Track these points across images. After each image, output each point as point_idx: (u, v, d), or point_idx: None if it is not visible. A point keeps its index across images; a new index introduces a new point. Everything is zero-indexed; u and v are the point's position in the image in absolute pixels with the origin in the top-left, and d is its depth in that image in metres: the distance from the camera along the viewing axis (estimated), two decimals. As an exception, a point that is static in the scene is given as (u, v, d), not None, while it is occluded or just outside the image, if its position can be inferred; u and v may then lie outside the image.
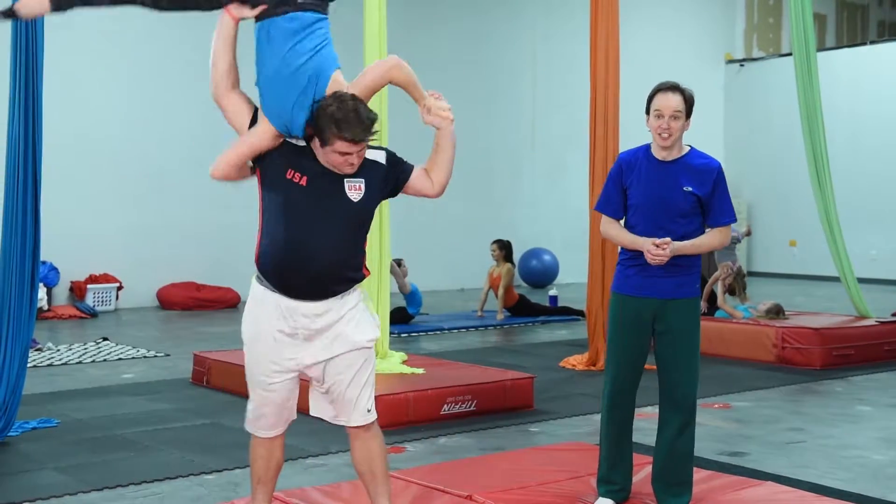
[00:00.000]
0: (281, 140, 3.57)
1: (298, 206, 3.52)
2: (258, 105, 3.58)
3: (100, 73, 12.97)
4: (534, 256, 16.14)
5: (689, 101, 4.16)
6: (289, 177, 3.52)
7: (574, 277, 15.76)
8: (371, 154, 3.62)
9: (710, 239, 4.25)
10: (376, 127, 3.46)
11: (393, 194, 3.75)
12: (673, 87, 4.16)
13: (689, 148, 4.26)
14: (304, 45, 3.51)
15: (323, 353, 3.59)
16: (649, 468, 4.65)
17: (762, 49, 19.85)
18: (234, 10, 3.57)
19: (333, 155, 3.47)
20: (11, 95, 5.75)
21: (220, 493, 4.86)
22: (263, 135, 3.54)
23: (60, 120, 11.75)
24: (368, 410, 3.70)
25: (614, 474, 4.36)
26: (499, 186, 16.57)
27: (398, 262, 11.23)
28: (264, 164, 3.57)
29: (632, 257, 4.25)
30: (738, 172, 19.15)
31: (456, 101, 14.70)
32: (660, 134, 4.13)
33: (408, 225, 13.17)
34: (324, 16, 3.61)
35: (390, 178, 3.67)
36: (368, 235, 3.74)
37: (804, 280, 17.53)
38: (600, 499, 4.35)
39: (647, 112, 4.20)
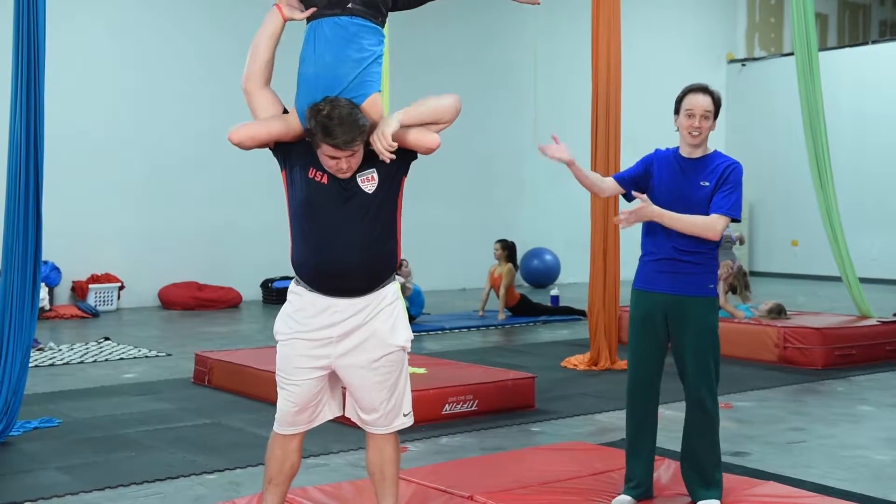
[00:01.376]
0: (302, 137, 3.57)
1: (321, 205, 3.52)
2: (287, 107, 3.61)
3: (102, 74, 12.97)
4: (535, 256, 16.13)
5: (717, 103, 4.33)
6: (311, 176, 3.53)
7: (576, 277, 15.76)
8: None
9: (693, 219, 4.18)
10: (363, 134, 3.43)
11: (412, 157, 3.66)
12: (703, 89, 4.32)
13: (713, 150, 4.41)
14: (350, 55, 3.50)
15: (354, 351, 3.57)
16: (672, 468, 4.73)
17: (764, 49, 19.84)
18: (286, 9, 3.60)
19: (323, 158, 3.47)
20: (13, 95, 5.75)
21: (221, 492, 4.86)
22: (289, 127, 3.56)
23: (62, 120, 11.76)
24: (406, 414, 3.71)
25: (633, 470, 4.38)
26: (500, 186, 16.58)
27: (401, 263, 11.17)
28: (291, 166, 3.58)
29: (648, 252, 4.34)
30: (739, 172, 19.14)
31: (457, 100, 14.12)
32: (690, 132, 4.28)
33: (409, 225, 13.12)
34: (376, 26, 3.59)
35: (397, 150, 3.56)
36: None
37: (806, 280, 17.52)
38: (620, 496, 4.37)
39: (677, 112, 4.34)
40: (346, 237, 3.51)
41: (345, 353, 3.57)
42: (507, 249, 11.87)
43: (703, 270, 4.25)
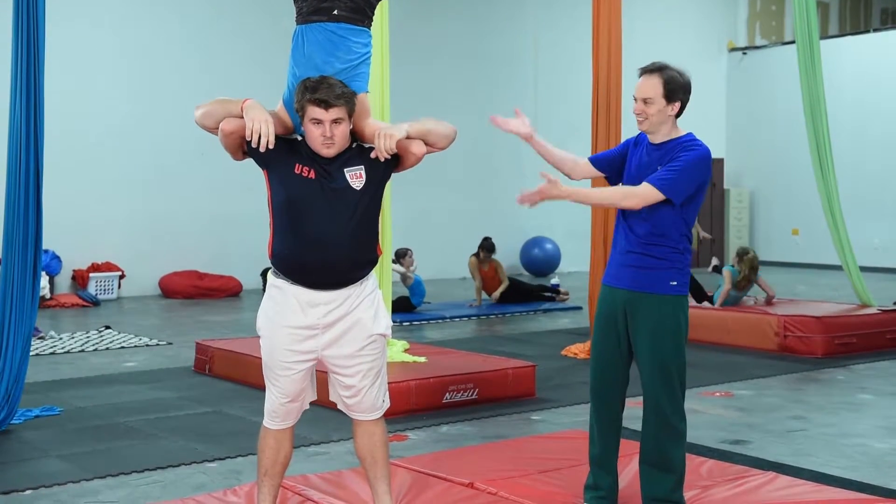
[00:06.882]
0: (290, 131, 3.66)
1: (309, 200, 3.55)
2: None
3: (103, 62, 12.95)
4: (536, 245, 16.14)
5: (668, 84, 3.87)
6: (297, 172, 3.56)
7: (576, 266, 15.78)
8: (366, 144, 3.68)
9: (610, 191, 3.97)
10: (349, 100, 3.49)
11: (396, 164, 3.72)
12: (650, 70, 3.93)
13: (684, 133, 3.97)
14: (339, 57, 3.56)
15: (340, 341, 3.61)
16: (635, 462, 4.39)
17: (765, 37, 19.79)
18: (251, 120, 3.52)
19: (310, 128, 3.50)
20: (13, 84, 5.75)
21: (222, 480, 4.87)
22: (279, 118, 3.63)
23: (63, 109, 11.76)
24: (383, 401, 3.76)
25: (599, 478, 4.08)
26: (501, 176, 16.55)
27: (405, 252, 11.19)
28: (272, 165, 3.60)
29: (616, 244, 4.02)
30: (740, 161, 19.13)
31: (457, 92, 14.78)
32: (637, 117, 3.95)
33: (410, 214, 13.16)
34: (362, 28, 3.63)
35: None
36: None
37: (806, 269, 17.52)
38: None
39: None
40: (333, 232, 3.54)
41: (330, 343, 3.61)
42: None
43: (666, 265, 3.85)
